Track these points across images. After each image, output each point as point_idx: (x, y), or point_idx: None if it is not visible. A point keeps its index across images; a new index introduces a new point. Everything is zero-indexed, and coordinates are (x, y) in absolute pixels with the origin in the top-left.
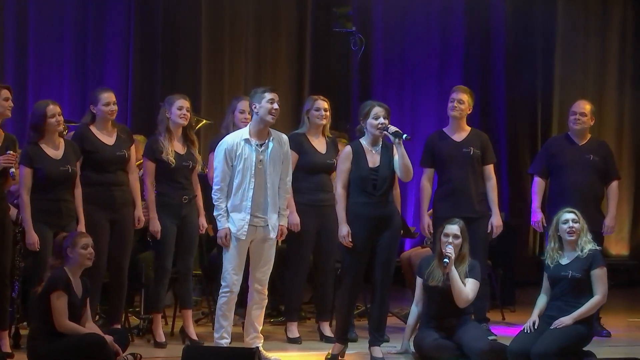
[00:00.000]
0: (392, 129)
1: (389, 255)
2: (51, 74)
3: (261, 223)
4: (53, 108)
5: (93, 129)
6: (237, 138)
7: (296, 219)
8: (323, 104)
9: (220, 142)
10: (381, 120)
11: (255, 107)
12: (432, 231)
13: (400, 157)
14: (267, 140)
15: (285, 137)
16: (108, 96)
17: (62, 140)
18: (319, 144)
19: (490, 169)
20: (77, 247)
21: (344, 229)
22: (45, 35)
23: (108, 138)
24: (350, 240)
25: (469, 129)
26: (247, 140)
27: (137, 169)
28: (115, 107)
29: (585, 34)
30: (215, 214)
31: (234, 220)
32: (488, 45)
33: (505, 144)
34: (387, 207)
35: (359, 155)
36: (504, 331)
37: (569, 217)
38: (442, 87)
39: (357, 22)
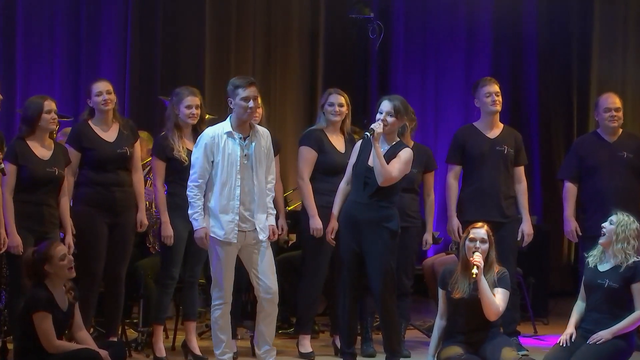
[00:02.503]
0: (374, 125)
1: (382, 264)
2: (41, 65)
3: (249, 227)
4: (49, 104)
5: (92, 124)
6: (218, 130)
7: (318, 223)
8: (338, 98)
9: (200, 136)
10: (382, 116)
11: (230, 103)
12: (461, 234)
13: (373, 156)
14: (250, 134)
15: (266, 131)
16: (100, 85)
17: (52, 141)
18: (338, 142)
19: (521, 170)
20: (54, 260)
21: (330, 225)
22: (34, 23)
23: (108, 134)
24: (332, 237)
25: (502, 125)
26: (229, 134)
27: (141, 168)
28: (109, 97)
29: (625, 22)
30: (190, 212)
31: (221, 223)
32: (519, 32)
33: (539, 142)
34: (378, 211)
35: (364, 151)
36: (536, 345)
37: (610, 217)
38: (468, 78)
39: (376, 7)
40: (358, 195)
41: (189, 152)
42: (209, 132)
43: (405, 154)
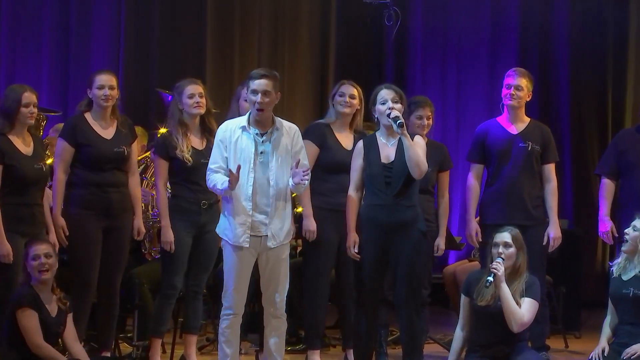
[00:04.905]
0: (394, 113)
1: (411, 269)
2: (27, 55)
3: (266, 232)
4: (29, 96)
5: (89, 117)
6: (233, 125)
7: (312, 225)
8: (350, 89)
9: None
10: (388, 104)
11: (246, 96)
12: (480, 239)
13: (405, 148)
14: (270, 130)
15: (293, 127)
16: (103, 78)
17: (29, 134)
18: (345, 139)
19: (550, 168)
20: (27, 258)
21: (349, 238)
22: (20, 10)
23: (105, 130)
24: (356, 251)
25: (527, 120)
26: (244, 128)
27: (137, 171)
28: (110, 92)
29: None
30: (216, 187)
31: (231, 226)
32: (548, 18)
33: (570, 139)
34: (406, 212)
35: (371, 150)
36: None
37: (633, 222)
38: (493, 69)
39: None
40: (379, 197)
41: (195, 152)
42: (222, 126)
43: (421, 139)
